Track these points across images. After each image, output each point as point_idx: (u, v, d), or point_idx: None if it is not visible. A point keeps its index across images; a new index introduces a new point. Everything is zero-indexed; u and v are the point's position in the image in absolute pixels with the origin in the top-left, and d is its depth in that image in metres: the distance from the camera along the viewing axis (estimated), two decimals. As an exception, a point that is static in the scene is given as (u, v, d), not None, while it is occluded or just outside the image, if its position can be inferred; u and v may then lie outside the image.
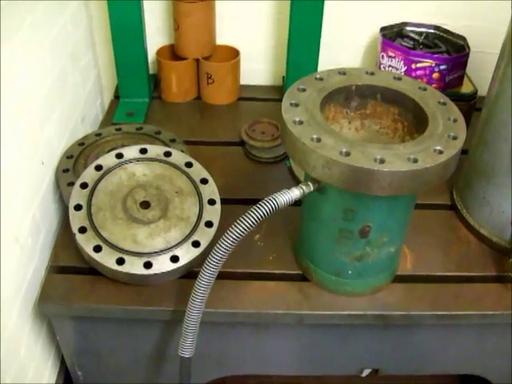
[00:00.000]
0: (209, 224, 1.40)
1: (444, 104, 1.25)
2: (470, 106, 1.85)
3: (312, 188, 1.18)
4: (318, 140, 1.11)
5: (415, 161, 1.08)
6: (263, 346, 1.50)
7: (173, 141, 1.69)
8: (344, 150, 1.09)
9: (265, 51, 2.12)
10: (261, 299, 1.37)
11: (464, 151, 1.25)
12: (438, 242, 1.54)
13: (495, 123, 1.41)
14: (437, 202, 1.65)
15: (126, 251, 1.35)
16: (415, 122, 1.27)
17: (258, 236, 1.50)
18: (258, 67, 2.14)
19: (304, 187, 1.17)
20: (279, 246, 1.49)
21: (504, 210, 1.45)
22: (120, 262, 1.33)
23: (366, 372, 1.62)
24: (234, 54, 2.02)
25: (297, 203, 1.20)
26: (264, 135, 1.77)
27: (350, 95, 1.31)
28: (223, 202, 1.45)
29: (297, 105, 1.20)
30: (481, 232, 1.53)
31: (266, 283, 1.40)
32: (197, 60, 2.01)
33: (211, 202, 1.44)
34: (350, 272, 1.32)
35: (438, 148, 1.11)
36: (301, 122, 1.15)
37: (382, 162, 1.08)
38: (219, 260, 1.15)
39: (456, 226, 1.58)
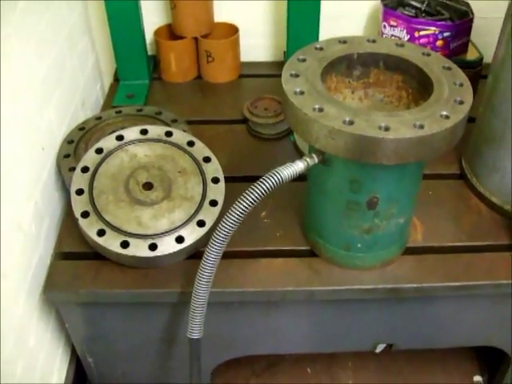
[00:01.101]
0: (213, 203, 1.38)
1: (449, 69, 1.21)
2: (476, 72, 1.81)
3: (316, 160, 1.15)
4: (320, 110, 1.08)
5: (421, 127, 1.05)
6: (274, 325, 1.48)
7: (174, 121, 1.66)
8: (347, 119, 1.06)
9: (264, 26, 2.08)
10: (269, 277, 1.34)
11: (471, 119, 1.23)
12: (448, 212, 1.51)
13: (502, 88, 1.37)
14: (446, 172, 1.62)
15: (130, 234, 1.33)
16: (420, 88, 1.24)
17: (264, 213, 1.48)
18: (258, 43, 2.11)
19: (308, 159, 1.14)
20: (286, 222, 1.46)
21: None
22: (124, 245, 1.31)
23: (380, 348, 1.60)
24: (233, 30, 1.99)
25: (303, 178, 1.18)
26: (267, 111, 1.74)
27: (351, 64, 1.28)
28: (227, 180, 1.43)
29: (297, 75, 1.17)
30: (492, 200, 1.50)
31: (274, 260, 1.38)
32: (195, 39, 1.97)
33: (215, 180, 1.41)
34: (359, 245, 1.30)
35: (445, 113, 1.08)
36: (302, 93, 1.12)
37: (386, 129, 1.05)
38: (224, 238, 1.13)
39: (466, 196, 1.55)
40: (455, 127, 1.08)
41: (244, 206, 1.09)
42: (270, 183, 1.09)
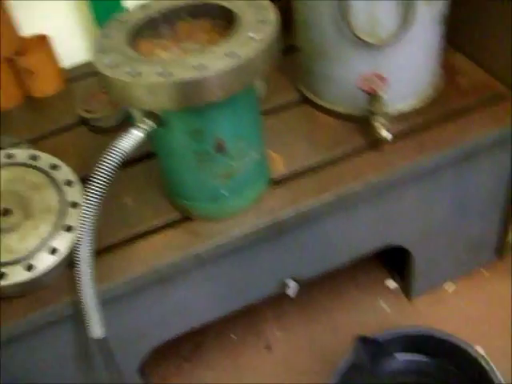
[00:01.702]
0: (74, 205, 1.35)
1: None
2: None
3: (150, 123, 1.14)
4: (135, 72, 1.08)
5: (233, 54, 1.07)
6: (177, 302, 1.46)
7: (16, 144, 1.62)
8: (162, 71, 1.06)
9: (74, 27, 2.04)
10: (154, 255, 1.33)
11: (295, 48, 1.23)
12: (302, 137, 1.54)
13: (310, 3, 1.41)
14: (289, 101, 1.65)
15: (5, 263, 1.28)
16: (231, 26, 1.24)
17: (128, 198, 1.46)
18: (74, 45, 2.06)
19: (141, 124, 1.14)
20: (153, 198, 1.45)
21: (346, 78, 1.46)
22: (1, 276, 1.27)
23: (292, 291, 1.61)
24: (44, 41, 1.94)
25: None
26: (101, 104, 1.71)
27: (156, 24, 1.28)
28: (84, 180, 1.39)
29: (107, 50, 1.16)
30: (337, 110, 1.54)
31: (153, 238, 1.37)
32: (10, 60, 1.91)
33: (68, 183, 1.38)
34: (225, 193, 1.30)
35: (251, 35, 1.10)
36: (114, 64, 1.11)
37: (202, 67, 1.05)
38: (87, 232, 1.11)
39: (313, 115, 1.59)
40: (265, 45, 1.10)
41: (95, 191, 1.08)
42: (112, 159, 1.07)
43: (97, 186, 1.08)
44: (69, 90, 1.98)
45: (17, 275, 1.27)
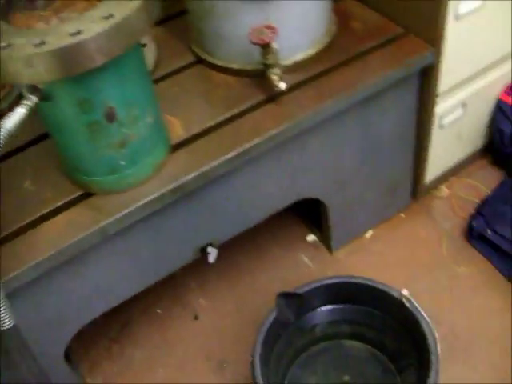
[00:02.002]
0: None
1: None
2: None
3: (33, 98, 1.09)
4: (8, 45, 1.02)
5: (111, 16, 1.03)
6: (93, 281, 1.41)
7: None
8: (37, 42, 1.00)
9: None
10: (58, 236, 1.27)
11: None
12: (199, 98, 1.50)
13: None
14: (183, 64, 1.61)
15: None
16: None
17: (27, 182, 1.40)
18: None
19: (24, 101, 1.08)
20: (51, 179, 1.39)
21: (237, 34, 1.43)
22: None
23: (211, 255, 1.58)
24: None
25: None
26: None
27: (28, -5, 1.21)
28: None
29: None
30: (232, 67, 1.51)
31: (55, 219, 1.30)
32: None
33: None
34: (123, 163, 1.26)
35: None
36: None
37: (79, 33, 1.01)
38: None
39: (209, 75, 1.56)
40: (141, 4, 1.06)
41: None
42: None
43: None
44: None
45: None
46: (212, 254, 1.58)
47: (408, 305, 1.40)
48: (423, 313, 1.39)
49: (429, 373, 1.31)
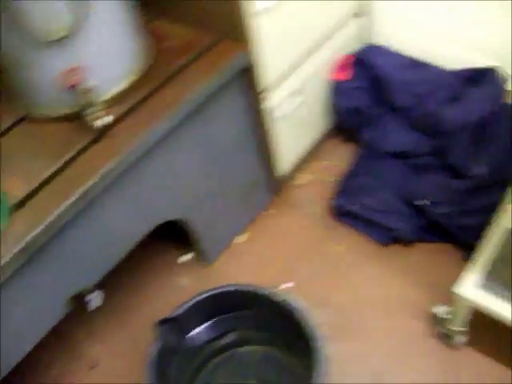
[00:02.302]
0: None
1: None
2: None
3: None
4: None
5: None
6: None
7: None
8: None
9: None
10: None
11: None
12: (29, 153, 1.47)
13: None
14: (7, 126, 1.56)
15: None
16: None
17: None
18: None
19: None
20: None
21: (48, 82, 1.42)
22: None
23: (92, 303, 1.56)
24: None
25: None
26: None
27: None
28: None
29: None
30: (52, 116, 1.50)
31: None
32: None
33: None
34: None
35: None
36: None
37: None
38: None
39: (34, 129, 1.52)
40: None
41: None
42: None
43: None
44: None
45: None
46: (93, 300, 1.56)
47: (277, 299, 1.42)
48: (294, 303, 1.42)
49: (317, 357, 1.34)
